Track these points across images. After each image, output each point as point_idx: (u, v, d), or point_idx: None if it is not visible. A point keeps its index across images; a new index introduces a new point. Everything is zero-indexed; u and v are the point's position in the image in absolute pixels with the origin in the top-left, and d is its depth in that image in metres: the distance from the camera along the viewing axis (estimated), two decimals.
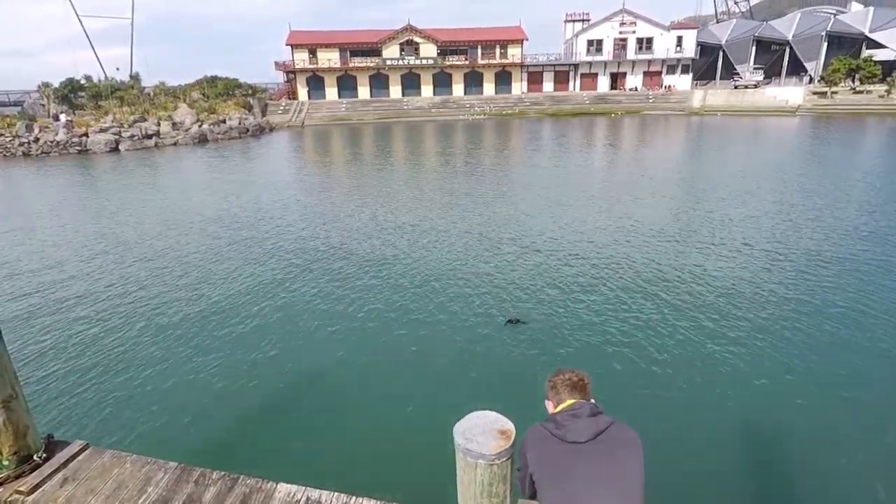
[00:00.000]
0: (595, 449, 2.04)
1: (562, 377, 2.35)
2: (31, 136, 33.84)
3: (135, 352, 7.11)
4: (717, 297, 8.32)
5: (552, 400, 2.33)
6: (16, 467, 3.44)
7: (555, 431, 2.13)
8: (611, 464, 2.01)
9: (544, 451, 2.13)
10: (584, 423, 2.11)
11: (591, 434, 2.06)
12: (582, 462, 2.02)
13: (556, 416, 2.19)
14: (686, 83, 58.68)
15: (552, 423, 2.17)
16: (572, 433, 2.08)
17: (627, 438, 2.10)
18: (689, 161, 23.56)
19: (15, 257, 11.63)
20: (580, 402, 2.22)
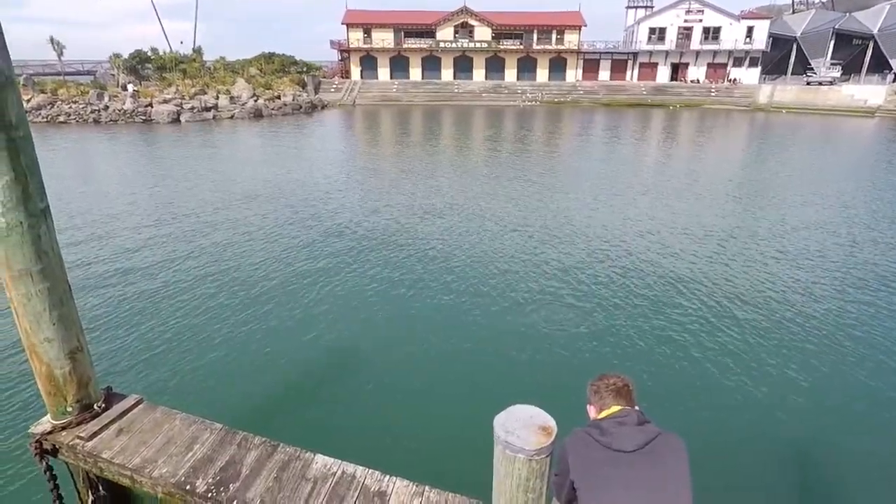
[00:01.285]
0: (642, 459, 1.97)
1: (605, 382, 2.29)
2: (102, 104, 35.66)
3: (189, 317, 7.45)
4: (773, 306, 7.94)
5: (595, 405, 2.28)
6: (78, 414, 3.67)
7: (599, 438, 2.06)
8: (658, 474, 1.95)
9: (588, 458, 2.06)
10: (631, 431, 2.04)
11: (638, 443, 2.00)
12: (628, 472, 1.96)
13: (601, 423, 2.12)
14: (753, 77, 55.50)
15: (596, 430, 2.11)
16: (618, 441, 2.02)
17: (675, 448, 2.02)
18: (747, 161, 22.41)
19: (89, 220, 12.36)
20: (627, 410, 2.15)
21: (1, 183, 2.89)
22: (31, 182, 3.04)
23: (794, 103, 47.09)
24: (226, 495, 3.12)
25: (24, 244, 3.10)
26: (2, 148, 2.83)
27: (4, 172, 2.88)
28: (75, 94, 37.03)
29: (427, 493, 3.10)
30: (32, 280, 3.20)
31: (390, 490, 3.13)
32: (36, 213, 3.12)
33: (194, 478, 3.26)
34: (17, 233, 3.05)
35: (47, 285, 3.27)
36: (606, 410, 2.19)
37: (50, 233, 3.26)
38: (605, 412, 2.18)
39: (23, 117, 2.95)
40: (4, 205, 2.95)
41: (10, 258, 3.11)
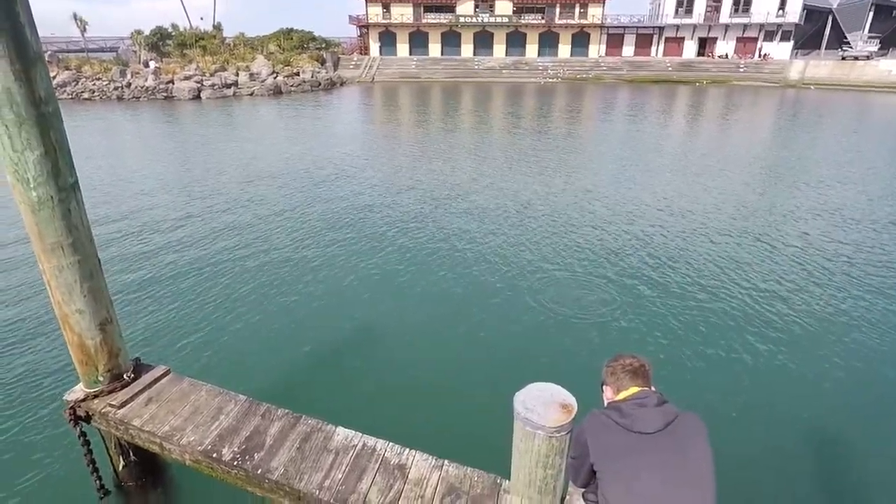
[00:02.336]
0: (663, 440, 1.95)
1: (621, 362, 2.25)
2: (125, 81, 36.01)
3: (214, 291, 7.61)
4: (813, 290, 7.78)
5: (611, 386, 2.25)
6: (108, 383, 3.80)
7: (619, 421, 2.04)
8: (680, 456, 1.93)
9: (608, 441, 2.05)
10: (651, 412, 2.02)
11: (659, 425, 1.98)
12: (649, 454, 1.94)
13: (621, 405, 2.09)
14: (785, 52, 53.40)
15: (616, 412, 2.08)
16: (639, 423, 2.00)
17: (696, 428, 2.00)
18: (777, 140, 21.75)
19: (116, 196, 12.60)
20: (646, 391, 2.12)
21: (32, 158, 2.95)
22: (60, 157, 3.11)
23: (828, 79, 45.32)
24: (251, 464, 3.22)
25: (55, 218, 3.18)
26: (32, 123, 2.88)
27: (35, 147, 2.94)
28: (99, 70, 37.44)
29: (446, 468, 3.15)
30: (64, 253, 3.29)
31: (410, 463, 3.20)
32: (66, 188, 3.19)
33: (220, 446, 3.36)
34: (48, 207, 3.13)
35: (78, 258, 3.36)
36: (624, 392, 2.16)
37: (79, 207, 3.34)
38: (623, 393, 2.15)
39: (51, 93, 3.00)
40: (35, 179, 3.02)
41: (43, 231, 3.19)
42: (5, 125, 2.83)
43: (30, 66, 2.81)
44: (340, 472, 3.14)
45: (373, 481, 3.07)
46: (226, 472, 3.30)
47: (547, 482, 2.51)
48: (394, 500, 2.94)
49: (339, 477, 3.11)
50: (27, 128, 2.87)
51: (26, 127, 2.87)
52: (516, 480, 2.66)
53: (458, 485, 3.02)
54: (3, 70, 2.71)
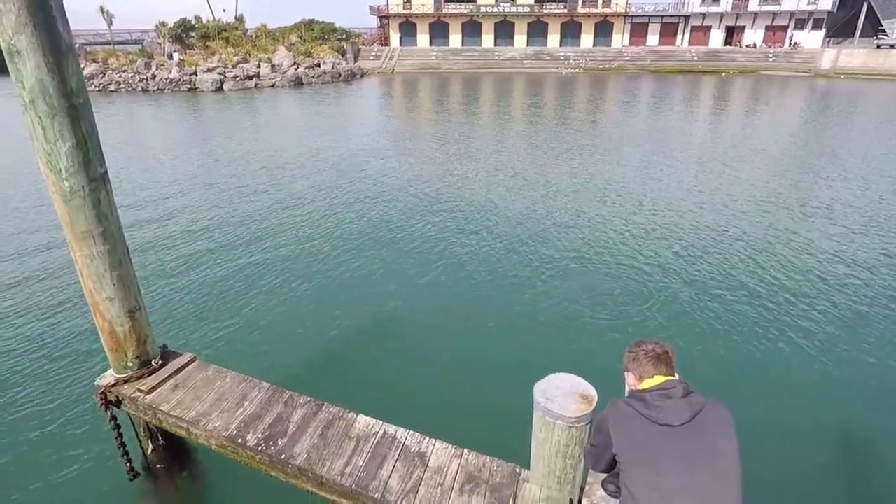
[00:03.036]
0: (689, 433, 1.91)
1: (644, 348, 2.19)
2: (149, 73, 36.61)
3: (238, 280, 7.75)
4: (847, 283, 7.59)
5: (633, 372, 2.18)
6: (137, 369, 3.90)
7: (644, 412, 1.98)
8: (706, 448, 1.89)
9: (633, 432, 1.99)
10: (677, 404, 1.96)
11: (685, 416, 1.92)
12: (675, 446, 1.90)
13: (646, 396, 2.03)
14: (816, 40, 51.66)
15: (640, 402, 2.02)
16: (665, 416, 1.94)
17: (723, 420, 1.96)
18: (804, 131, 21.14)
19: (143, 186, 12.88)
20: (672, 381, 2.05)
21: (64, 148, 3.03)
22: (91, 148, 3.18)
23: (861, 69, 43.72)
24: (274, 449, 3.29)
25: (85, 207, 3.26)
26: (64, 114, 2.96)
27: (67, 138, 3.01)
28: (124, 62, 38.11)
29: (466, 456, 3.18)
30: (94, 242, 3.38)
31: (430, 451, 3.22)
32: (96, 178, 3.27)
33: (245, 432, 3.44)
34: (79, 196, 3.21)
35: (108, 247, 3.45)
36: (648, 380, 2.10)
37: (109, 197, 3.42)
38: (647, 382, 2.09)
39: (82, 84, 3.06)
40: (67, 170, 3.10)
41: (74, 220, 3.28)
42: (39, 116, 2.91)
43: (62, 59, 2.88)
44: (362, 459, 3.19)
45: (393, 468, 3.11)
46: (250, 458, 3.37)
47: (566, 472, 2.52)
48: (414, 487, 2.98)
49: (360, 464, 3.15)
50: (59, 119, 2.95)
51: (59, 118, 2.94)
52: (535, 470, 2.67)
53: (477, 473, 3.04)
54: (36, 62, 2.78)
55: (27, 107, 2.89)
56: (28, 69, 2.77)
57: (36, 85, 2.82)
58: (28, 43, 2.73)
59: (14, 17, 2.66)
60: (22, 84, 2.82)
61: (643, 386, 2.09)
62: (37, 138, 3.00)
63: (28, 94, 2.85)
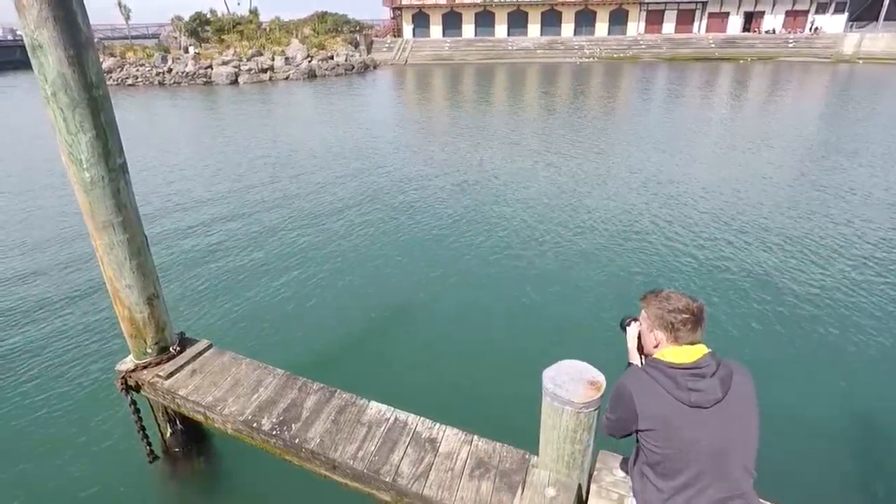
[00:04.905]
0: (720, 410, 1.80)
1: (677, 305, 1.87)
2: (166, 67, 37.00)
3: (253, 268, 7.89)
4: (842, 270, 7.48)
5: (661, 332, 1.91)
6: (156, 355, 4.01)
7: (674, 391, 1.81)
8: (736, 425, 1.82)
9: (661, 411, 1.84)
10: (711, 384, 1.80)
11: (718, 396, 1.80)
12: (705, 425, 1.80)
13: (676, 375, 1.82)
14: (838, 24, 50.25)
15: (668, 380, 1.83)
16: (697, 397, 1.79)
17: (748, 388, 1.86)
18: (821, 120, 20.68)
19: (160, 177, 13.09)
20: (706, 359, 1.83)
21: (85, 139, 3.11)
22: (110, 139, 3.26)
23: (886, 53, 42.53)
24: (288, 434, 3.37)
25: (105, 197, 3.35)
26: (84, 106, 3.03)
27: (87, 129, 3.09)
28: (142, 56, 38.55)
29: (476, 442, 3.22)
30: (115, 231, 3.47)
31: (440, 437, 3.28)
32: (115, 168, 3.35)
33: (260, 417, 3.52)
34: (99, 186, 3.30)
35: (127, 236, 3.54)
36: (677, 349, 1.86)
37: (128, 187, 3.51)
38: (678, 353, 1.85)
39: (101, 77, 3.14)
40: (88, 160, 3.18)
41: (94, 210, 3.37)
42: (60, 108, 2.99)
43: (82, 52, 2.95)
44: (373, 444, 3.25)
45: (404, 454, 3.17)
46: (265, 442, 3.46)
47: (575, 457, 2.55)
48: (424, 472, 3.04)
49: (371, 449, 3.22)
50: (80, 111, 3.03)
51: (79, 110, 3.02)
52: (544, 455, 2.71)
53: (486, 459, 3.09)
54: (57, 56, 2.85)
55: (49, 99, 2.97)
56: (50, 62, 2.85)
57: (57, 78, 2.90)
58: (49, 37, 2.80)
59: (36, 12, 2.73)
60: (44, 77, 2.90)
61: (673, 358, 1.85)
62: (59, 130, 3.08)
63: (50, 87, 2.92)
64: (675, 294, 1.93)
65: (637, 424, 1.90)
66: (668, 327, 1.88)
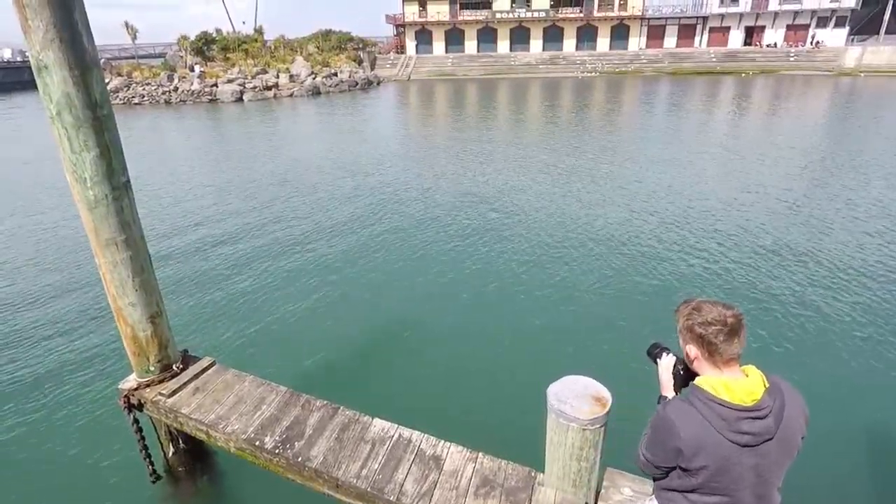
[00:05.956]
0: (769, 447, 1.66)
1: (712, 316, 1.67)
2: (172, 86, 37.47)
3: (256, 286, 7.89)
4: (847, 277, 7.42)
5: (694, 345, 1.72)
6: (159, 373, 3.99)
7: (726, 433, 1.63)
8: (783, 457, 1.70)
9: (713, 451, 1.66)
10: (766, 425, 1.63)
11: (770, 436, 1.64)
12: (754, 462, 1.67)
13: (731, 417, 1.63)
14: (840, 38, 50.47)
15: (722, 421, 1.63)
16: (750, 439, 1.63)
17: (800, 421, 1.71)
18: (823, 133, 20.70)
19: (164, 195, 13.19)
20: (766, 399, 1.64)
21: (89, 158, 3.13)
22: (114, 157, 3.28)
23: (887, 66, 42.66)
24: (291, 452, 3.33)
25: (109, 215, 3.36)
26: (89, 125, 3.06)
27: (91, 148, 3.12)
28: (148, 76, 39.09)
29: (481, 459, 3.17)
30: (118, 249, 3.48)
31: (445, 455, 3.23)
32: (119, 187, 3.37)
33: (263, 435, 3.49)
34: (103, 205, 3.31)
35: (130, 254, 3.55)
36: (730, 381, 1.65)
37: (132, 205, 3.52)
38: (731, 387, 1.64)
39: (106, 96, 3.17)
40: (92, 178, 3.20)
41: (98, 228, 3.38)
42: (65, 128, 3.02)
43: (86, 72, 2.99)
44: (377, 463, 3.21)
45: (408, 472, 3.12)
46: (268, 460, 3.42)
47: (581, 475, 2.51)
48: (429, 490, 2.99)
49: (375, 467, 3.17)
50: (84, 130, 3.05)
51: (84, 129, 3.05)
52: (550, 473, 2.66)
53: (492, 477, 3.04)
54: (62, 76, 2.89)
55: (54, 119, 3.00)
56: (55, 83, 2.88)
57: (62, 98, 2.93)
58: (55, 58, 2.84)
59: (42, 34, 2.77)
60: (49, 97, 2.93)
61: (727, 395, 1.64)
62: (63, 149, 3.11)
63: (55, 107, 2.96)
64: (708, 303, 1.74)
65: (680, 463, 1.73)
66: (700, 341, 1.71)
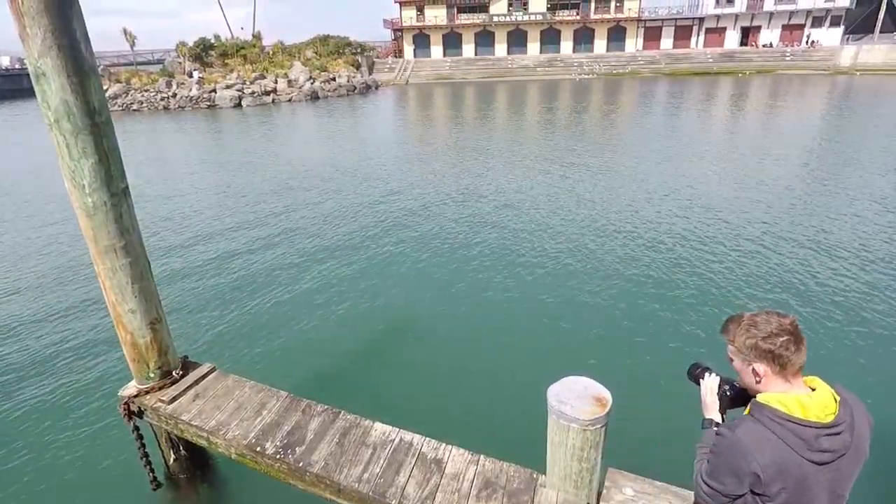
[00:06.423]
0: (843, 462, 1.57)
1: (771, 329, 1.56)
2: (170, 92, 37.56)
3: (255, 291, 7.87)
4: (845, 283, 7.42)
5: (762, 362, 1.59)
6: (159, 380, 3.98)
7: (804, 452, 1.52)
8: (854, 470, 1.61)
9: (792, 473, 1.54)
10: (843, 440, 1.54)
11: (849, 447, 1.55)
12: (829, 479, 1.57)
13: (809, 436, 1.53)
14: (835, 38, 50.70)
15: (799, 440, 1.53)
16: (828, 457, 1.54)
17: (867, 431, 1.62)
18: (824, 133, 20.74)
19: (163, 201, 13.19)
20: (842, 415, 1.55)
21: (87, 165, 3.14)
22: (112, 164, 3.29)
23: (883, 65, 42.81)
24: (292, 457, 3.32)
25: (108, 222, 3.36)
26: (87, 132, 3.06)
27: (90, 155, 3.12)
28: (146, 82, 39.18)
29: (482, 462, 3.17)
30: (117, 255, 3.47)
31: (446, 458, 3.22)
32: (118, 193, 3.37)
33: (264, 440, 3.48)
34: (101, 211, 3.31)
35: (129, 260, 3.54)
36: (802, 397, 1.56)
37: (130, 211, 3.52)
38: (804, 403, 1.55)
39: (104, 103, 3.18)
40: (90, 185, 3.20)
41: (97, 234, 3.38)
42: (63, 135, 3.02)
43: (85, 79, 2.99)
44: (378, 466, 3.20)
45: (410, 475, 3.12)
46: (269, 466, 3.41)
47: (582, 475, 2.50)
48: (431, 493, 2.98)
49: (377, 471, 3.17)
50: (83, 137, 3.06)
51: (82, 136, 3.05)
52: (552, 474, 2.66)
53: (494, 479, 3.03)
54: (61, 84, 2.89)
55: (52, 126, 3.00)
56: (53, 90, 2.89)
57: (60, 105, 2.94)
58: (53, 65, 2.84)
59: (40, 41, 2.78)
60: (47, 104, 2.94)
61: (801, 412, 1.55)
62: (61, 156, 3.11)
63: (53, 114, 2.96)
64: (761, 315, 1.63)
65: (755, 489, 1.59)
66: (769, 356, 1.58)
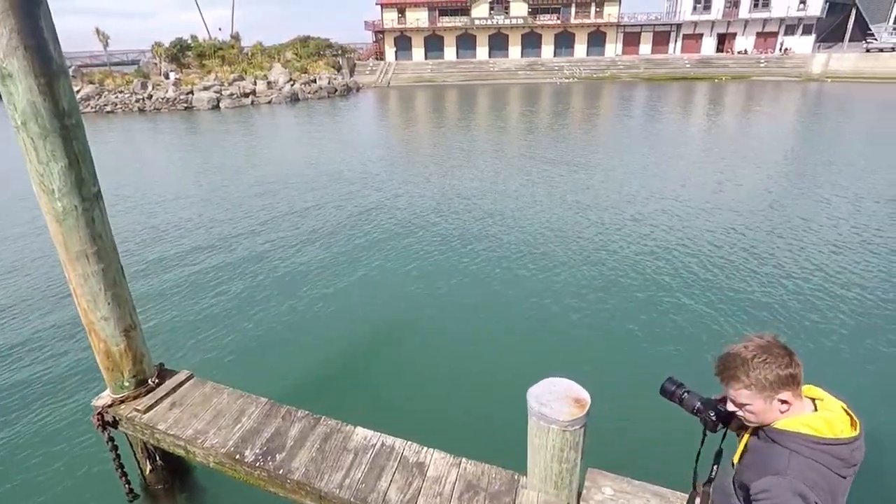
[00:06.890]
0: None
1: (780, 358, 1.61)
2: (146, 94, 36.83)
3: (233, 297, 7.76)
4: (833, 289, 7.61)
5: (786, 390, 1.62)
6: (134, 389, 3.89)
7: (841, 471, 1.57)
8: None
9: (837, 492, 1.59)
10: (862, 445, 1.61)
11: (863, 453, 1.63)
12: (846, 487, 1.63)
13: (845, 454, 1.56)
14: (807, 45, 52.13)
15: (838, 461, 1.56)
16: (856, 468, 1.60)
17: None
18: (798, 136, 21.30)
19: (137, 206, 12.93)
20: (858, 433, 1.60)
21: (56, 168, 3.05)
22: (84, 167, 3.20)
23: (852, 72, 44.10)
24: (272, 465, 3.27)
25: (79, 227, 3.27)
26: (56, 135, 2.98)
27: (59, 158, 3.04)
28: (121, 83, 38.35)
29: (464, 465, 3.16)
30: (88, 261, 3.38)
31: (428, 461, 3.21)
32: (89, 198, 3.28)
33: (243, 448, 3.42)
34: (72, 216, 3.22)
35: (102, 266, 3.46)
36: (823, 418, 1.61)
37: (103, 216, 3.43)
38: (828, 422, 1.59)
39: (74, 105, 3.10)
40: (60, 190, 3.12)
41: (67, 241, 3.29)
42: (31, 138, 2.94)
43: (53, 80, 2.91)
44: (360, 472, 3.17)
45: (392, 479, 3.10)
46: (248, 474, 3.36)
47: (562, 476, 2.51)
48: (413, 497, 2.96)
49: (358, 476, 3.14)
50: (52, 140, 2.97)
51: (51, 139, 2.97)
52: (532, 475, 2.67)
53: (475, 482, 3.03)
54: (28, 85, 2.81)
55: (19, 129, 2.92)
56: (19, 91, 2.80)
57: (28, 107, 2.85)
58: (19, 66, 2.76)
59: (6, 42, 2.69)
60: (14, 106, 2.85)
61: (828, 431, 1.58)
62: (29, 160, 3.02)
63: (20, 116, 2.88)
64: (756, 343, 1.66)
65: None
66: (792, 381, 1.62)
